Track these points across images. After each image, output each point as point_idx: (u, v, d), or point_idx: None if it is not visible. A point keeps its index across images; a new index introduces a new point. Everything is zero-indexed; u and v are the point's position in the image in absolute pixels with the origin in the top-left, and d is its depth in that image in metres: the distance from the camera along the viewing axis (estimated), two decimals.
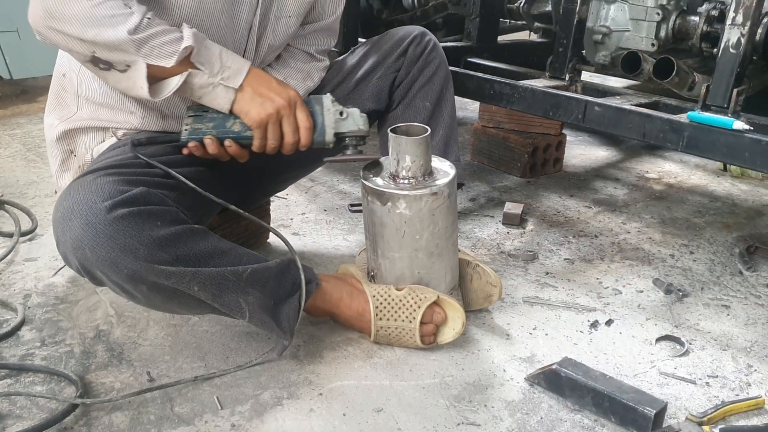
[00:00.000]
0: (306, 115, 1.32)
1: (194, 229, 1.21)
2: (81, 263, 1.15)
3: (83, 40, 1.16)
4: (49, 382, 1.28)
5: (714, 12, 1.78)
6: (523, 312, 1.56)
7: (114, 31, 1.15)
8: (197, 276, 1.17)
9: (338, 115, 1.36)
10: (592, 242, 1.93)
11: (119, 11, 1.15)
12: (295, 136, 1.33)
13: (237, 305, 1.24)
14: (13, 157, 2.47)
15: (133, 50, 1.16)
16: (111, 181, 1.17)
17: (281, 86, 1.31)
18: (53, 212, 1.20)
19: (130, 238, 1.12)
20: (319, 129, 1.35)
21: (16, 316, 1.46)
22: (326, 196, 2.21)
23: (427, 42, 1.66)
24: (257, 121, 1.29)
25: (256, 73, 1.29)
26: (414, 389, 1.28)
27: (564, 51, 1.92)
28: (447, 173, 1.38)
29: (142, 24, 1.16)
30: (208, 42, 1.24)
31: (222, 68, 1.25)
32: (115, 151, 1.32)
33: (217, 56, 1.24)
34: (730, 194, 2.34)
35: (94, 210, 1.12)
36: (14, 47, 3.13)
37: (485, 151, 2.52)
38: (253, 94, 1.27)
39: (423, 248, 1.37)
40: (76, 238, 1.12)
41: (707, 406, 1.25)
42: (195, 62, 1.22)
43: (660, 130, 1.58)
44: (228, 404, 1.23)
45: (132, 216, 1.13)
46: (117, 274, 1.13)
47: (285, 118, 1.30)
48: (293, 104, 1.30)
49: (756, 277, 1.75)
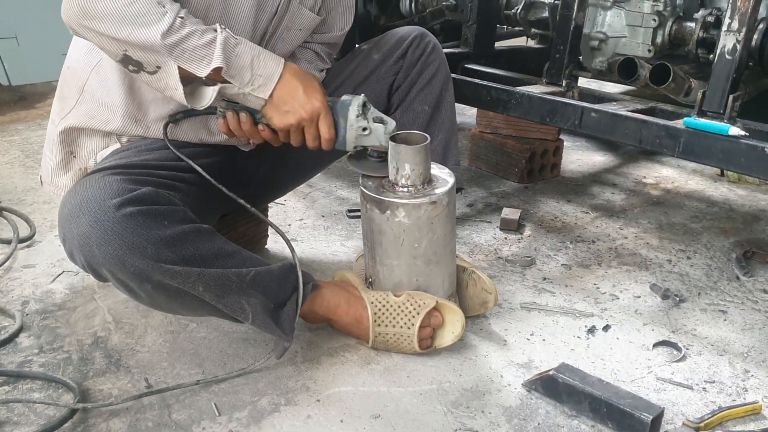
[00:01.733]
0: (328, 126, 1.31)
1: (202, 229, 1.22)
2: (87, 260, 1.15)
3: (116, 39, 1.16)
4: (47, 388, 1.28)
5: (710, 18, 1.79)
6: (520, 318, 1.56)
7: (147, 31, 1.14)
8: (202, 276, 1.18)
9: (361, 131, 1.33)
10: (589, 248, 1.93)
11: (153, 9, 1.15)
12: (315, 144, 1.33)
13: (240, 307, 1.24)
14: (12, 163, 2.47)
15: (165, 52, 1.16)
16: (119, 180, 1.18)
17: (307, 96, 1.28)
18: (59, 209, 1.20)
19: (137, 236, 1.12)
20: (340, 141, 1.34)
21: (14, 322, 1.46)
22: (324, 202, 2.21)
23: (427, 43, 1.64)
24: (279, 127, 1.30)
25: (287, 79, 1.27)
26: (411, 395, 1.29)
27: (561, 57, 1.92)
28: (446, 181, 1.39)
29: (175, 24, 1.16)
30: (241, 48, 1.23)
31: (253, 78, 1.24)
32: (120, 155, 1.33)
33: (248, 65, 1.23)
34: (727, 199, 2.34)
35: (102, 207, 1.13)
36: (13, 54, 3.14)
37: (483, 157, 2.53)
38: (278, 104, 1.27)
39: (421, 256, 1.37)
40: (84, 235, 1.13)
41: (704, 411, 1.26)
42: (225, 76, 1.22)
43: (656, 136, 1.59)
44: (226, 411, 1.23)
45: (140, 214, 1.14)
46: (123, 271, 1.14)
47: (307, 128, 1.31)
48: (316, 117, 1.29)
49: (753, 283, 1.75)
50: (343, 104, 1.33)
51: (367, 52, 1.66)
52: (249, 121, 1.31)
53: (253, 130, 1.32)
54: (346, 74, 1.65)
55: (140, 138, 1.38)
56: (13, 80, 3.18)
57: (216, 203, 1.37)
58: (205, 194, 1.35)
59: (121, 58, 1.19)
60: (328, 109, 1.31)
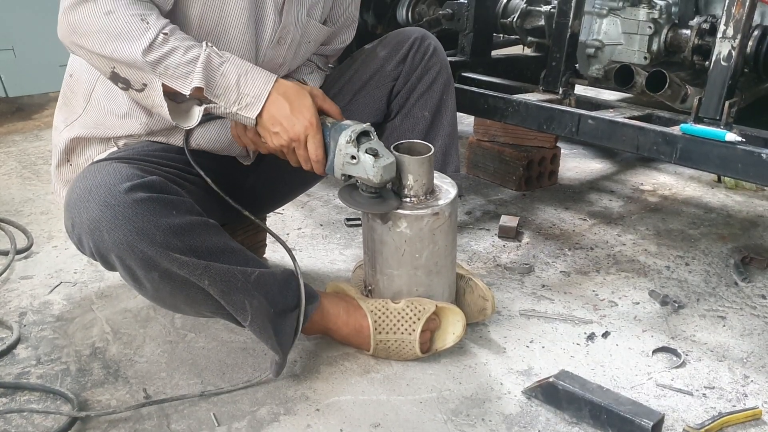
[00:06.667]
0: (316, 147, 1.26)
1: (208, 223, 1.22)
2: (96, 246, 1.15)
3: (103, 56, 1.17)
4: (45, 400, 1.27)
5: (705, 25, 1.80)
6: (519, 325, 1.56)
7: (129, 47, 1.14)
8: (209, 270, 1.18)
9: (348, 158, 1.25)
10: (587, 254, 1.93)
11: (136, 26, 1.14)
12: (306, 166, 1.30)
13: (242, 306, 1.24)
14: (9, 174, 2.47)
15: (148, 69, 1.16)
16: (127, 166, 1.19)
17: (295, 115, 1.25)
18: (67, 195, 1.20)
19: (147, 222, 1.12)
20: (329, 165, 1.29)
21: (11, 334, 1.46)
22: (322, 211, 2.21)
23: (427, 46, 1.60)
24: (271, 148, 1.30)
25: (274, 98, 1.24)
26: (411, 404, 1.28)
27: (557, 65, 1.93)
28: (448, 192, 1.38)
29: (157, 40, 1.15)
30: (227, 67, 1.20)
31: (239, 97, 1.22)
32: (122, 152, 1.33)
33: (234, 85, 1.21)
34: (725, 205, 2.35)
35: (113, 192, 1.13)
36: (9, 65, 3.15)
37: (480, 165, 2.53)
38: (268, 124, 1.25)
39: (422, 266, 1.37)
40: (94, 219, 1.13)
41: (704, 417, 1.25)
42: (209, 96, 1.20)
43: (653, 143, 1.59)
44: (225, 421, 1.23)
45: (151, 201, 1.14)
46: (132, 257, 1.13)
47: (297, 149, 1.28)
48: (303, 138, 1.26)
49: (751, 288, 1.75)
50: (340, 128, 1.27)
51: (367, 56, 1.63)
52: (253, 129, 1.30)
53: (257, 140, 1.32)
54: (345, 80, 1.62)
55: (137, 142, 1.38)
56: (10, 92, 3.19)
57: (216, 210, 1.37)
58: (204, 200, 1.34)
59: (110, 75, 1.20)
60: (317, 129, 1.26)
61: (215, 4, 1.26)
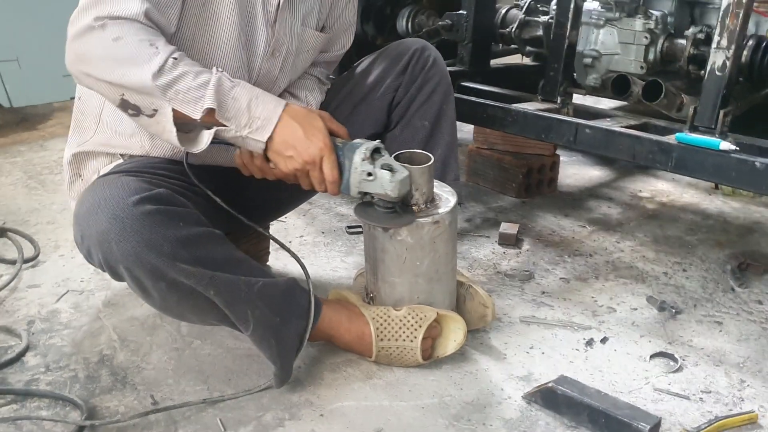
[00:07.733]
0: (331, 168, 1.25)
1: (214, 234, 1.25)
2: (105, 257, 1.17)
3: (110, 83, 1.15)
4: (54, 406, 1.30)
5: (700, 35, 1.83)
6: (519, 331, 1.58)
7: (138, 71, 1.13)
8: (214, 279, 1.20)
9: (365, 176, 1.25)
10: (586, 261, 1.96)
11: (144, 50, 1.14)
12: (321, 187, 1.29)
13: (245, 316, 1.26)
14: (15, 184, 2.50)
15: (159, 93, 1.14)
16: (135, 180, 1.22)
17: (308, 138, 1.24)
18: (76, 208, 1.23)
19: (155, 234, 1.15)
20: (344, 184, 1.28)
21: (20, 342, 1.48)
22: (324, 219, 2.23)
23: (427, 57, 1.61)
24: (283, 173, 1.28)
25: (286, 121, 1.23)
26: (413, 409, 1.31)
27: (555, 74, 1.95)
28: (448, 200, 1.40)
29: (167, 65, 1.14)
30: (238, 91, 1.20)
31: (250, 120, 1.21)
32: (128, 165, 1.35)
33: (245, 108, 1.20)
34: (722, 212, 2.37)
35: (121, 204, 1.15)
36: (14, 76, 3.17)
37: (480, 173, 2.56)
38: (280, 148, 1.24)
39: (423, 274, 1.39)
40: (103, 232, 1.15)
41: (701, 421, 1.28)
42: (220, 119, 1.19)
43: (649, 151, 1.62)
44: (231, 426, 1.25)
45: (158, 213, 1.17)
46: (140, 268, 1.16)
47: (311, 172, 1.27)
48: (318, 160, 1.25)
49: (748, 294, 1.78)
50: (352, 147, 1.27)
51: (367, 67, 1.65)
52: (261, 156, 1.28)
53: (265, 167, 1.30)
54: (346, 91, 1.64)
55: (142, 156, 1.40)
56: (14, 102, 3.21)
57: (221, 220, 1.39)
58: (209, 210, 1.36)
59: (119, 102, 1.18)
60: (331, 150, 1.26)
61: (207, 21, 1.28)
